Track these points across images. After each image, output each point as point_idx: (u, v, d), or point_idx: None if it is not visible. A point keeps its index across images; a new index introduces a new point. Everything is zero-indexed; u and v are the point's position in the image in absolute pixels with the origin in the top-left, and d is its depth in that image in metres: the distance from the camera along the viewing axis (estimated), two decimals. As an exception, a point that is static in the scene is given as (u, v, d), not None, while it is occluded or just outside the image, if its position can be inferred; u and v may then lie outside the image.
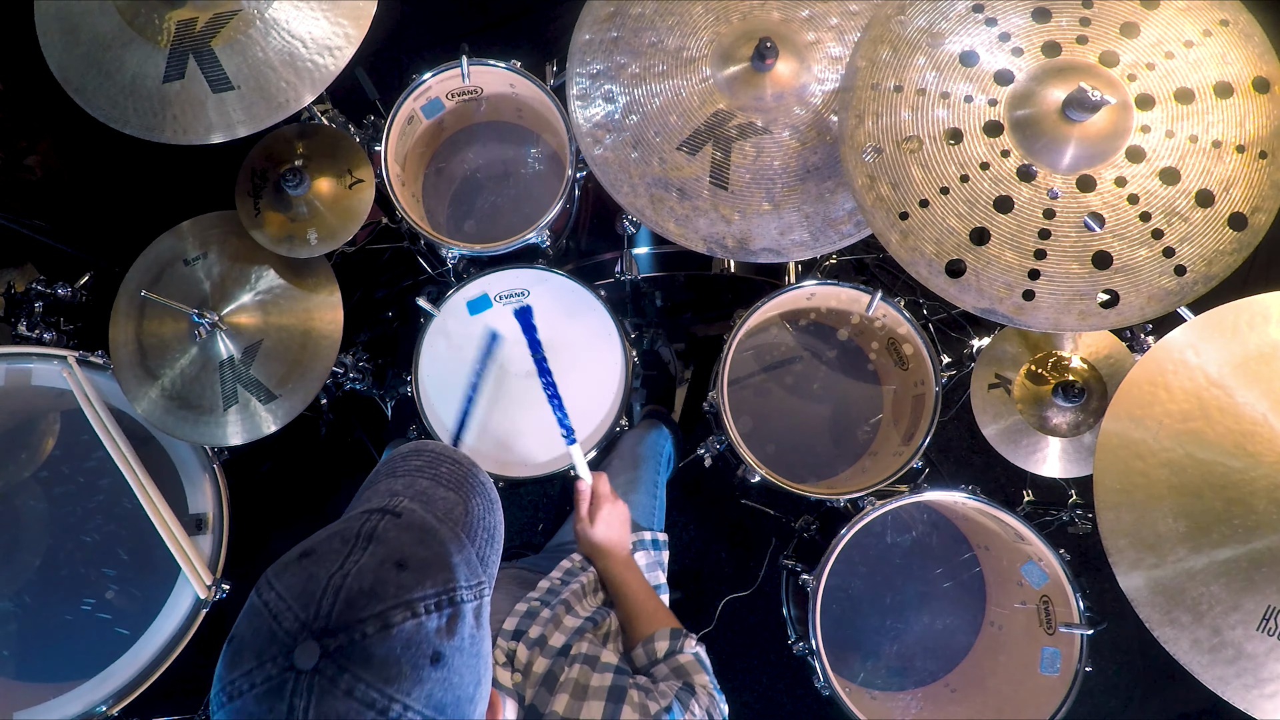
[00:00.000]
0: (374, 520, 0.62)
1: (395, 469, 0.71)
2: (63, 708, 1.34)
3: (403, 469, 0.71)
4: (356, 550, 0.58)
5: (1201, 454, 1.15)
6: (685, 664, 0.96)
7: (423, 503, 0.66)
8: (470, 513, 0.69)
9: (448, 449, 0.74)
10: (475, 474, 0.73)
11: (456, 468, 0.72)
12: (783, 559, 1.78)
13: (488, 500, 0.72)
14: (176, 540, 1.39)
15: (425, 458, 0.72)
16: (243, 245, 1.48)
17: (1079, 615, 1.41)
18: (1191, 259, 1.06)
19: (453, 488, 0.70)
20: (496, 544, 0.71)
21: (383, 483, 0.70)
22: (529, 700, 0.81)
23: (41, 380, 1.51)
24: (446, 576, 0.60)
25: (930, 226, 1.10)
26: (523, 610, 0.95)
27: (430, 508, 0.66)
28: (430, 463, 0.72)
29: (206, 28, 1.28)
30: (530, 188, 1.78)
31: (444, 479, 0.70)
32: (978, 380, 1.53)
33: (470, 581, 0.62)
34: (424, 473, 0.70)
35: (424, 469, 0.71)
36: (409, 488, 0.68)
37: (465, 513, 0.68)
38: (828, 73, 1.33)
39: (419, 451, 0.73)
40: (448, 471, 0.71)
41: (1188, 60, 1.09)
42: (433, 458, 0.73)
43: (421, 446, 0.74)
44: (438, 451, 0.73)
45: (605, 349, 1.50)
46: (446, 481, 0.70)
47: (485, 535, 0.69)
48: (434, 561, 0.60)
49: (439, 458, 0.73)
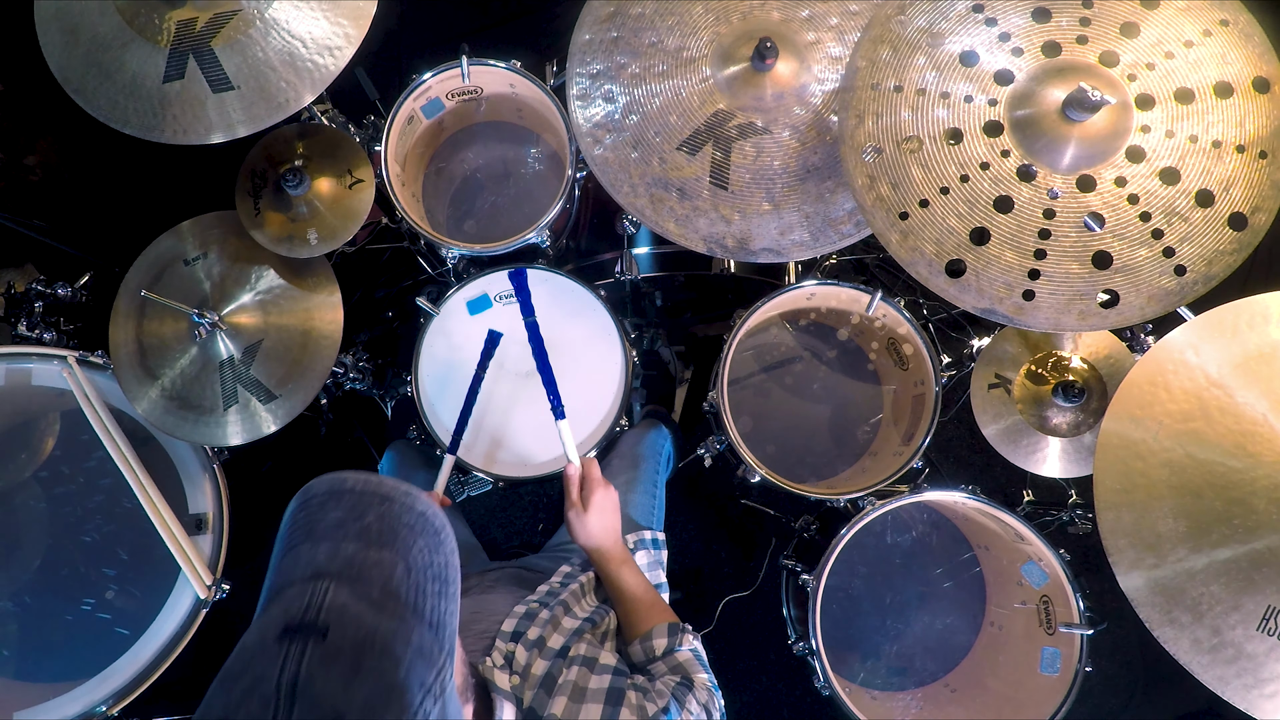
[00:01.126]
0: (295, 657, 0.51)
1: (313, 527, 0.59)
2: (63, 708, 1.34)
3: (322, 526, 0.59)
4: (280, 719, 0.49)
5: (1201, 454, 1.15)
6: (683, 661, 0.97)
7: (352, 584, 0.55)
8: (414, 569, 0.58)
9: (370, 482, 0.62)
10: (410, 506, 0.62)
11: (386, 508, 0.61)
12: (783, 559, 1.78)
13: (432, 537, 0.61)
14: (176, 540, 1.40)
15: (345, 505, 0.60)
16: (243, 245, 1.48)
17: (1079, 615, 1.41)
18: (1191, 259, 1.06)
19: (386, 543, 0.59)
20: (451, 586, 0.61)
21: (302, 549, 0.58)
22: (527, 703, 0.81)
23: (41, 380, 1.51)
24: (398, 709, 0.52)
25: (930, 226, 1.10)
26: (521, 612, 0.96)
27: (364, 589, 0.55)
28: (353, 512, 0.60)
29: (206, 28, 1.28)
30: (530, 188, 1.78)
31: (373, 534, 0.59)
32: (978, 380, 1.53)
33: (428, 680, 0.55)
34: (347, 530, 0.59)
35: (346, 523, 0.59)
36: (333, 559, 0.57)
37: (407, 573, 0.58)
38: (828, 73, 1.33)
39: (336, 496, 0.61)
40: (375, 521, 0.60)
41: (1188, 60, 1.09)
42: (354, 504, 0.60)
43: (338, 488, 0.62)
44: (359, 492, 0.61)
45: (605, 349, 1.51)
46: (376, 536, 0.59)
47: (437, 587, 0.59)
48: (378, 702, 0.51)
49: (362, 502, 0.61)
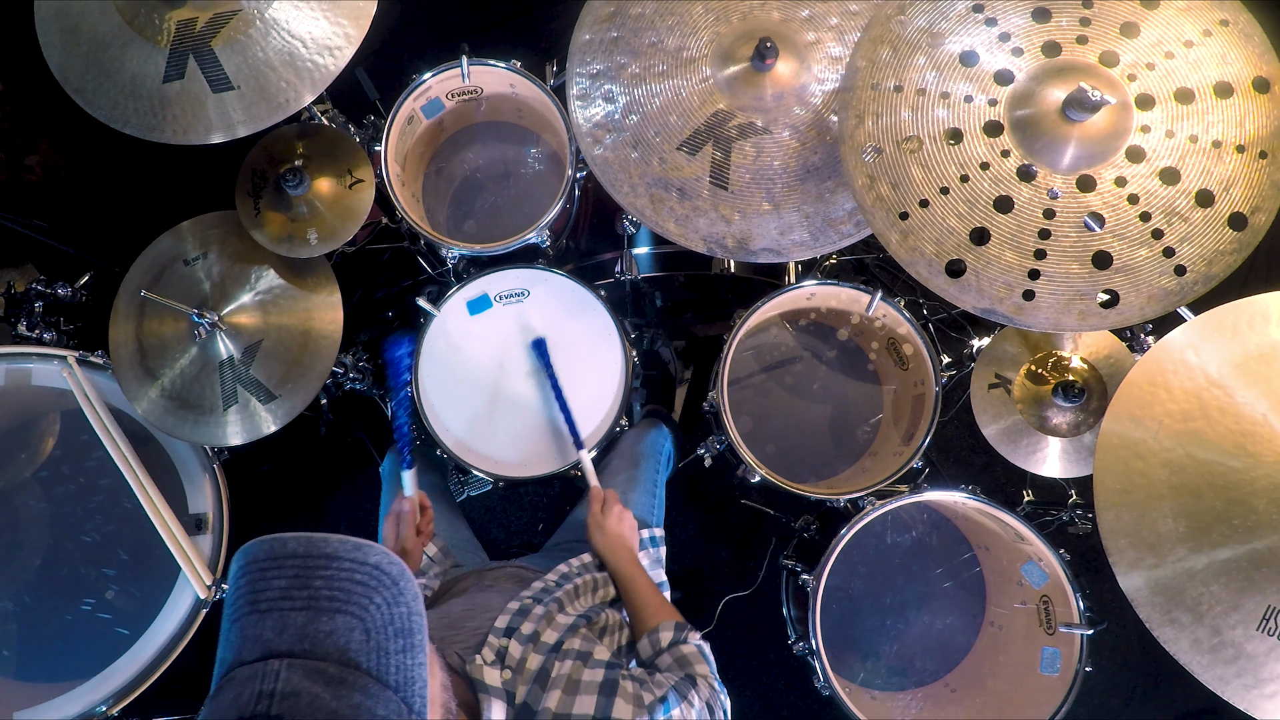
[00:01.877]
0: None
1: (258, 597, 0.54)
2: (63, 708, 1.34)
3: (266, 596, 0.54)
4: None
5: (1201, 454, 1.15)
6: (688, 654, 0.98)
7: (305, 657, 0.52)
8: (373, 630, 0.54)
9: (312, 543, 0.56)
10: (362, 561, 0.56)
11: (335, 569, 0.55)
12: (783, 559, 1.78)
13: (389, 589, 0.56)
14: (176, 540, 1.40)
15: (289, 571, 0.55)
16: (243, 245, 1.48)
17: (1079, 615, 1.41)
18: (1191, 259, 1.06)
19: (339, 606, 0.54)
20: (416, 638, 0.57)
21: (248, 621, 0.54)
22: (521, 698, 0.81)
23: (41, 380, 1.51)
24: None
25: (930, 226, 1.10)
26: (515, 608, 0.95)
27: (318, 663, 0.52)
28: (298, 579, 0.54)
29: (206, 28, 1.28)
30: (530, 188, 1.78)
31: (323, 599, 0.54)
32: (978, 380, 1.53)
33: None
34: (294, 599, 0.54)
35: (292, 592, 0.54)
36: (281, 632, 0.53)
37: (365, 636, 0.54)
38: (828, 73, 1.33)
39: (279, 562, 0.55)
40: (324, 584, 0.54)
41: (1188, 60, 1.09)
42: (299, 569, 0.55)
43: (279, 552, 0.56)
44: (303, 554, 0.56)
45: (605, 349, 1.50)
46: (328, 600, 0.54)
47: (400, 644, 0.56)
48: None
49: (308, 566, 0.55)
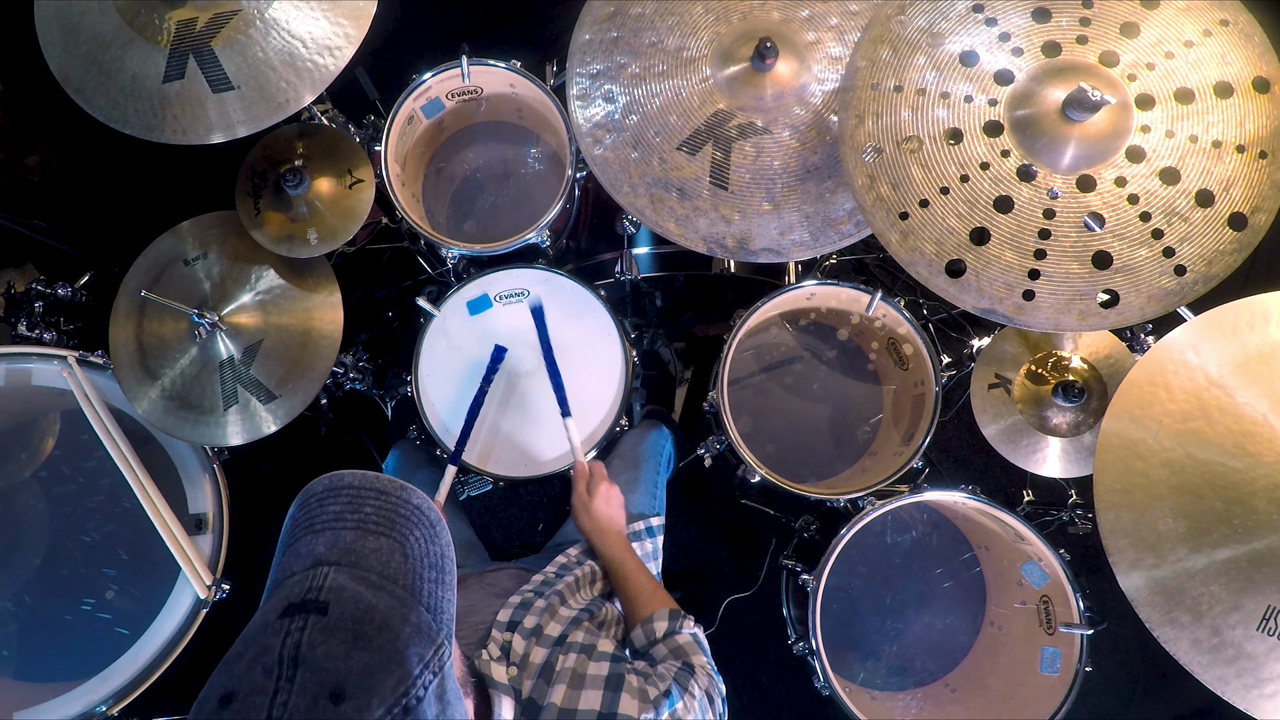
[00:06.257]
0: (297, 630, 0.54)
1: (314, 520, 0.63)
2: (63, 708, 1.34)
3: (321, 519, 0.62)
4: (283, 685, 0.52)
5: (1201, 454, 1.15)
6: (684, 644, 0.98)
7: (351, 567, 0.59)
8: (411, 556, 0.61)
9: (367, 478, 0.65)
10: (406, 500, 0.65)
11: (383, 500, 0.64)
12: (783, 559, 1.78)
13: (427, 528, 0.64)
14: (176, 540, 1.39)
15: (344, 499, 0.64)
16: (243, 245, 1.48)
17: (1079, 615, 1.41)
18: (1191, 259, 1.06)
19: (384, 530, 0.62)
20: (447, 576, 0.64)
21: (302, 542, 0.62)
22: (527, 693, 0.81)
23: (41, 380, 1.51)
24: (398, 677, 0.55)
25: (930, 226, 1.10)
26: (516, 602, 0.96)
27: (362, 571, 0.59)
28: (351, 504, 0.63)
29: (206, 28, 1.28)
30: (530, 188, 1.78)
31: (371, 523, 0.62)
32: (978, 380, 1.53)
33: (426, 655, 0.57)
34: (346, 521, 0.62)
35: (345, 515, 0.62)
36: (332, 547, 0.60)
37: (404, 559, 0.61)
38: (828, 73, 1.33)
39: (335, 492, 0.64)
40: (374, 511, 0.63)
41: (1188, 60, 1.09)
42: (353, 497, 0.64)
43: (337, 484, 0.65)
44: (357, 486, 0.65)
45: (605, 349, 1.50)
46: (375, 524, 0.62)
47: (434, 575, 0.62)
48: (378, 667, 0.54)
49: (360, 495, 0.64)
